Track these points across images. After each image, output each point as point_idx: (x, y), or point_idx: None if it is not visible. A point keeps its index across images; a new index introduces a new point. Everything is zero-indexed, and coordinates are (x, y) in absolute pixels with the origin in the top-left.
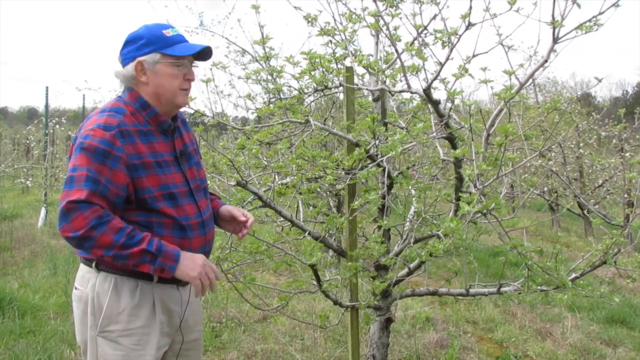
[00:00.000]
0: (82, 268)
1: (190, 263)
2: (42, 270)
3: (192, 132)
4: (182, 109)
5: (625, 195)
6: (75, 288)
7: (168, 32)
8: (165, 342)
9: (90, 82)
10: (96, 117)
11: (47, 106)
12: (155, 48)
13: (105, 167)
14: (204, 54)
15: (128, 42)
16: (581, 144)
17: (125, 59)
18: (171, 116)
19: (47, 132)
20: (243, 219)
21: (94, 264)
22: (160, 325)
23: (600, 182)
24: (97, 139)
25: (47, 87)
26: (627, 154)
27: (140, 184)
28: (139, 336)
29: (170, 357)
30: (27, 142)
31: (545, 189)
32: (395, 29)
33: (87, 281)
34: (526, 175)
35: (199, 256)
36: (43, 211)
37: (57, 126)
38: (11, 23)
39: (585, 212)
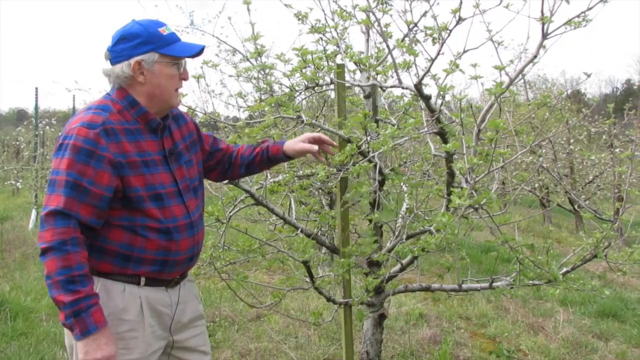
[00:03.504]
0: None
1: (94, 348)
2: (33, 272)
3: (188, 125)
4: None
5: (616, 190)
6: None
7: (164, 31)
8: (160, 346)
9: (81, 82)
10: (81, 115)
11: (36, 107)
12: (153, 47)
13: (89, 167)
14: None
15: (122, 39)
16: (572, 140)
17: (118, 57)
18: (162, 115)
19: (37, 133)
20: (315, 148)
21: None
22: (151, 329)
23: (591, 178)
24: (81, 138)
25: (36, 88)
26: (617, 150)
27: (128, 183)
28: (127, 340)
29: (162, 357)
30: (17, 143)
31: (537, 185)
32: (386, 25)
33: None
34: (517, 172)
35: (109, 349)
36: (34, 213)
37: (47, 127)
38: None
39: (576, 207)
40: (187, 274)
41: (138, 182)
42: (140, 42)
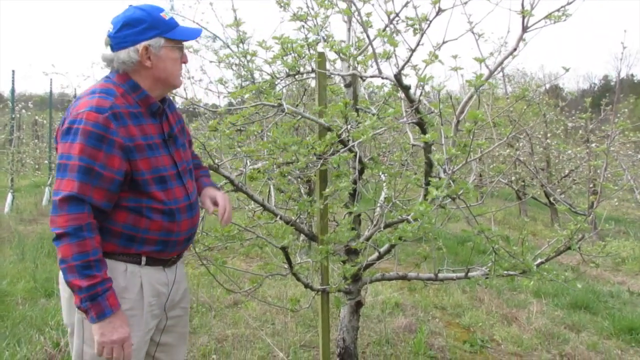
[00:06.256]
0: None
1: (109, 330)
2: (9, 256)
3: (178, 111)
4: None
5: (591, 185)
6: None
7: (165, 16)
8: (154, 325)
9: (58, 66)
10: (87, 99)
11: (13, 90)
12: (159, 32)
13: (100, 151)
14: None
15: (126, 25)
16: (549, 134)
17: (122, 42)
18: (160, 98)
19: (13, 116)
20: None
21: None
22: (150, 308)
23: (567, 171)
24: (91, 122)
25: (13, 71)
26: (593, 145)
27: (135, 167)
28: (127, 319)
29: (156, 334)
30: None
31: (513, 178)
32: (368, 15)
33: None
34: (494, 164)
35: (124, 331)
36: (9, 197)
37: (24, 111)
38: None
39: (551, 200)
40: (183, 254)
41: (144, 165)
42: (145, 27)
